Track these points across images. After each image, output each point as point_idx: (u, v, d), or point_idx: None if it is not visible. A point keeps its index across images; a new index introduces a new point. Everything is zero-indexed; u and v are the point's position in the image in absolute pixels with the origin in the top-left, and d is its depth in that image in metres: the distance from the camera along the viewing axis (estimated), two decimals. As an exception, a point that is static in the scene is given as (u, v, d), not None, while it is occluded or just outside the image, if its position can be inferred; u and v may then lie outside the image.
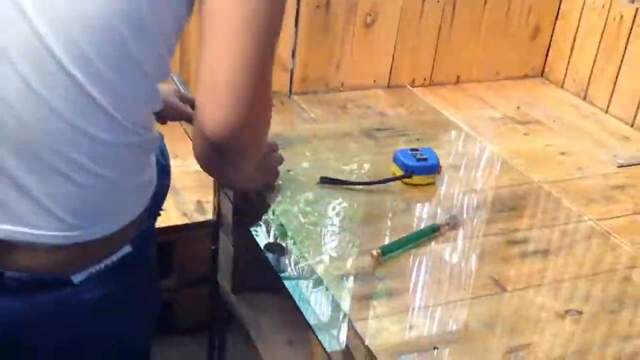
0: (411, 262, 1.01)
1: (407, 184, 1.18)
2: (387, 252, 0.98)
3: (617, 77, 2.18)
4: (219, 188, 1.37)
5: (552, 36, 2.39)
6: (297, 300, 1.19)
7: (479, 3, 2.25)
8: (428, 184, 1.19)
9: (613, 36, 2.19)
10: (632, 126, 2.13)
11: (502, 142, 1.31)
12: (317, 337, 1.02)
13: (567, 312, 0.92)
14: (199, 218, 1.62)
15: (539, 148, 1.88)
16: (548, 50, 2.42)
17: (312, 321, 1.10)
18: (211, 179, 1.35)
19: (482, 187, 1.24)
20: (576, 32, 2.32)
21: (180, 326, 1.69)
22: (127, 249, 0.88)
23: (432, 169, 1.19)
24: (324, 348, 1.01)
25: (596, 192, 1.63)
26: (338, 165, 1.24)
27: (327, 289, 0.94)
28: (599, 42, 2.23)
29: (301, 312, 1.12)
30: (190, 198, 1.69)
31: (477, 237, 1.09)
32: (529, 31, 2.37)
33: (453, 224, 1.09)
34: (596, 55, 2.25)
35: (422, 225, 1.08)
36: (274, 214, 1.18)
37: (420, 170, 1.18)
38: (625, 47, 2.16)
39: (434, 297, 0.94)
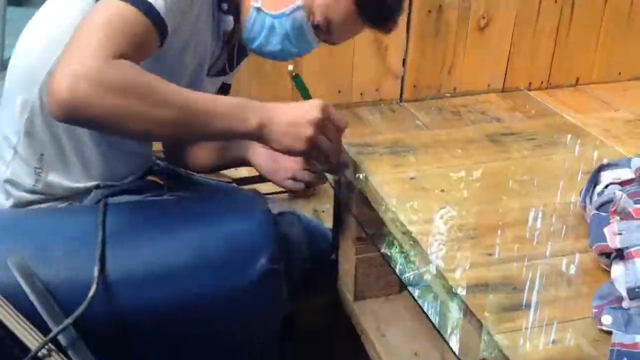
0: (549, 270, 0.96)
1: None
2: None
3: None
4: (338, 195, 1.36)
5: (678, 34, 2.25)
6: (424, 308, 1.16)
7: (599, 2, 2.15)
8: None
9: None
10: None
11: (637, 145, 1.24)
12: (450, 347, 0.99)
13: None
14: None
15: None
16: (674, 49, 2.28)
17: (442, 331, 1.06)
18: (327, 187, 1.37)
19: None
20: None
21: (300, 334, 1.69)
22: None
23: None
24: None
25: None
26: (458, 172, 1.21)
27: (459, 299, 0.91)
28: None
29: (430, 321, 1.09)
30: (306, 207, 1.70)
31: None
32: (653, 29, 2.24)
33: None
34: None
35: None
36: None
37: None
38: None
39: (581, 309, 0.88)
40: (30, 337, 0.93)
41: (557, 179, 1.20)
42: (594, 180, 1.07)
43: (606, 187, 1.05)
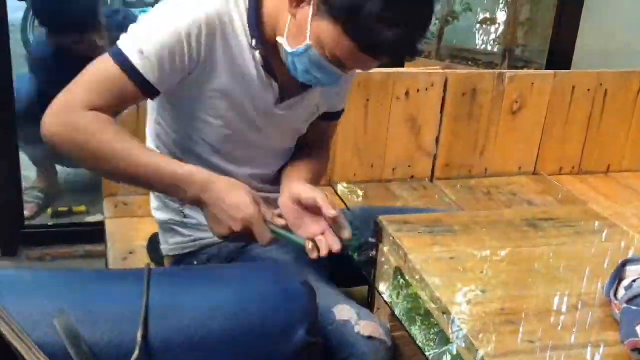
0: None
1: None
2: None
3: None
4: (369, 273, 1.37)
5: None
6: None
7: (632, 92, 2.19)
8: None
9: None
10: None
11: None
12: None
13: None
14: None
15: None
16: None
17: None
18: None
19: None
20: None
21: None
22: None
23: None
24: None
25: None
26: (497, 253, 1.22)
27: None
28: None
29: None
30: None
31: None
32: (685, 121, 2.27)
33: None
34: None
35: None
36: (398, 297, 1.17)
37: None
38: None
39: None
40: (71, 399, 0.93)
41: (599, 267, 1.20)
42: (618, 274, 1.08)
43: (634, 281, 1.05)
